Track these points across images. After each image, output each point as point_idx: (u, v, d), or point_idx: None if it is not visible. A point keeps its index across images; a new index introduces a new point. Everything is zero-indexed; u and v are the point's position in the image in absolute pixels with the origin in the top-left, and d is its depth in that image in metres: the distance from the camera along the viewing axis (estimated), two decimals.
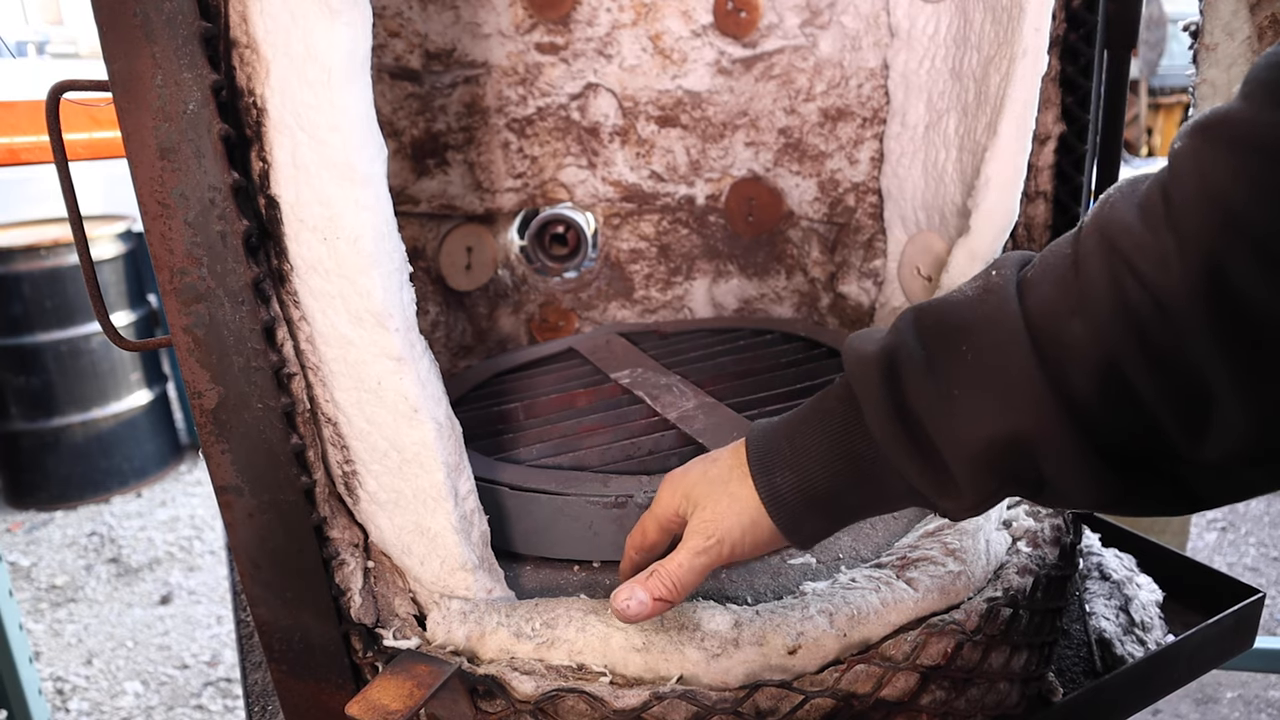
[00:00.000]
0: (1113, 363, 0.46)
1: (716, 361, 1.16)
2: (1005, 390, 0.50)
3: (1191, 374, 0.44)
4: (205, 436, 0.63)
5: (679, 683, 0.66)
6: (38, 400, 3.59)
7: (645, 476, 0.85)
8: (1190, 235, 0.43)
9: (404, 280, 0.64)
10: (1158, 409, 0.46)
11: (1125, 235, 0.46)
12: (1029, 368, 0.49)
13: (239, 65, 0.60)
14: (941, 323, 0.54)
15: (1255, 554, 3.15)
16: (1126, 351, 0.46)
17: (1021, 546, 0.82)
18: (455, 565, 0.71)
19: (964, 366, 0.52)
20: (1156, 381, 0.45)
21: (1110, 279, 0.46)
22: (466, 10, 1.22)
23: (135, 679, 2.67)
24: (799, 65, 1.25)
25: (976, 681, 0.74)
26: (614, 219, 1.38)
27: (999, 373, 0.50)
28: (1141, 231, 0.45)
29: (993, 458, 0.51)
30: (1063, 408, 0.48)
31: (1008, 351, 0.50)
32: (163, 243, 0.58)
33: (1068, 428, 0.48)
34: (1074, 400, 0.48)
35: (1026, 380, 0.49)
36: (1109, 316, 0.46)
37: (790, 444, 0.62)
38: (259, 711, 0.85)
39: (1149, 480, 0.50)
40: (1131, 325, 0.45)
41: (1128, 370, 0.46)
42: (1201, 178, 0.43)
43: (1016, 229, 1.03)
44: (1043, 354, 0.49)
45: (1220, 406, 0.44)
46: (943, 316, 0.54)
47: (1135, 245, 0.45)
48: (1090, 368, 0.47)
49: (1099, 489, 0.50)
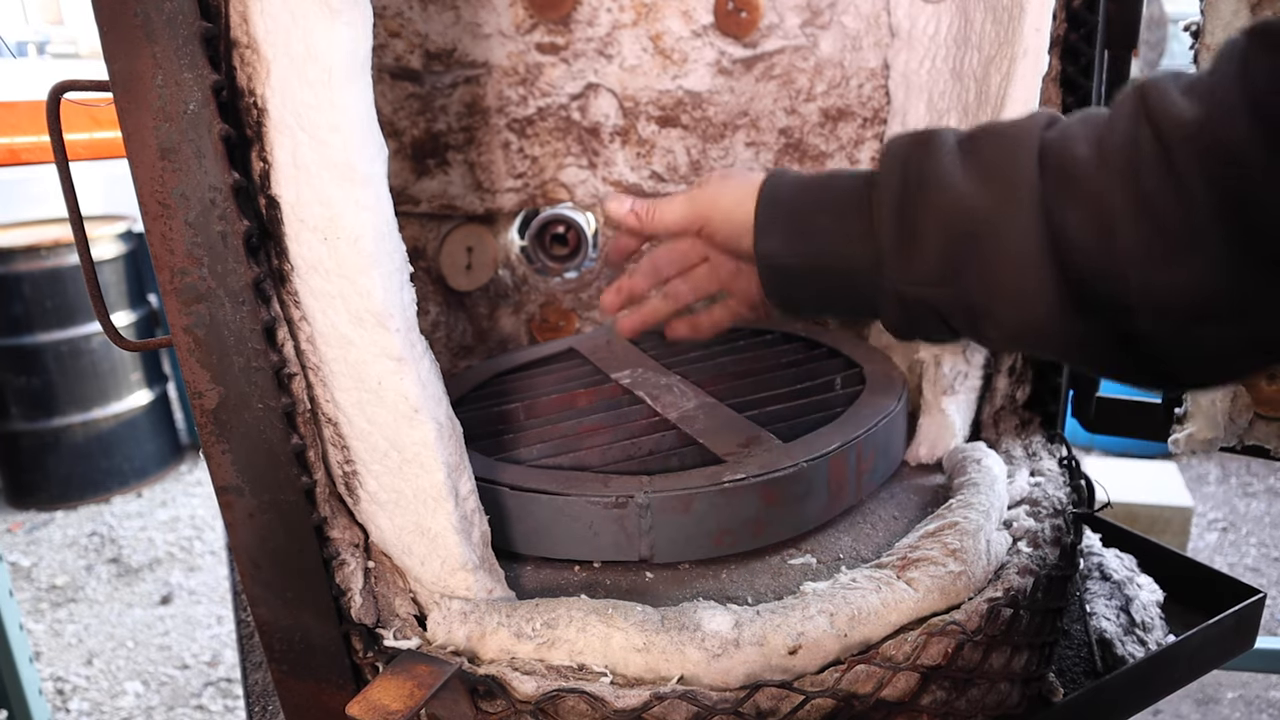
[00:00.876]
0: (1104, 191, 0.52)
1: (716, 361, 1.16)
2: (1002, 181, 0.57)
3: (1173, 212, 0.49)
4: (205, 436, 0.63)
5: (680, 683, 0.66)
6: (38, 400, 3.60)
7: (645, 476, 0.85)
8: (1217, 110, 0.48)
9: (404, 280, 0.64)
10: (1131, 242, 0.51)
11: (1160, 102, 0.51)
12: (1028, 170, 0.55)
13: (239, 65, 0.60)
14: (984, 128, 0.62)
15: (1256, 554, 3.15)
16: (1121, 183, 0.51)
17: (1022, 547, 0.82)
18: (456, 565, 0.71)
19: (979, 156, 0.60)
20: (1143, 222, 0.50)
21: (1130, 129, 0.52)
22: (467, 10, 1.22)
23: (135, 679, 2.68)
24: (799, 65, 1.25)
25: (977, 682, 0.74)
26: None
27: (1002, 166, 0.57)
28: (1179, 103, 0.50)
29: (959, 235, 0.58)
30: (1042, 216, 0.54)
31: (1017, 155, 0.56)
32: (163, 243, 0.58)
33: (1041, 231, 0.54)
34: (1052, 214, 0.54)
35: (1022, 179, 0.55)
36: (1118, 151, 0.52)
37: (804, 177, 0.72)
38: (259, 711, 0.85)
39: (1098, 330, 0.55)
40: (1134, 163, 0.51)
41: (1116, 201, 0.51)
42: (1243, 64, 0.48)
43: None
44: (1044, 164, 0.55)
45: (1188, 243, 0.49)
46: (987, 126, 0.63)
47: (1164, 109, 0.50)
48: (1081, 192, 0.53)
49: (1045, 309, 0.55)
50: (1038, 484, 0.94)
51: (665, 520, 0.83)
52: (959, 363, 1.04)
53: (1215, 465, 3.75)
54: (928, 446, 1.02)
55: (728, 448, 0.90)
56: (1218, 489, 3.58)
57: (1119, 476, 3.00)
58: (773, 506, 0.85)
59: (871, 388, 1.03)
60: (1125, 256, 0.51)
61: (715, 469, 0.86)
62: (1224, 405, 1.04)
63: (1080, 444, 3.71)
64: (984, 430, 1.10)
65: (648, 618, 0.69)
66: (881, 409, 0.97)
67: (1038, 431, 1.09)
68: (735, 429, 0.95)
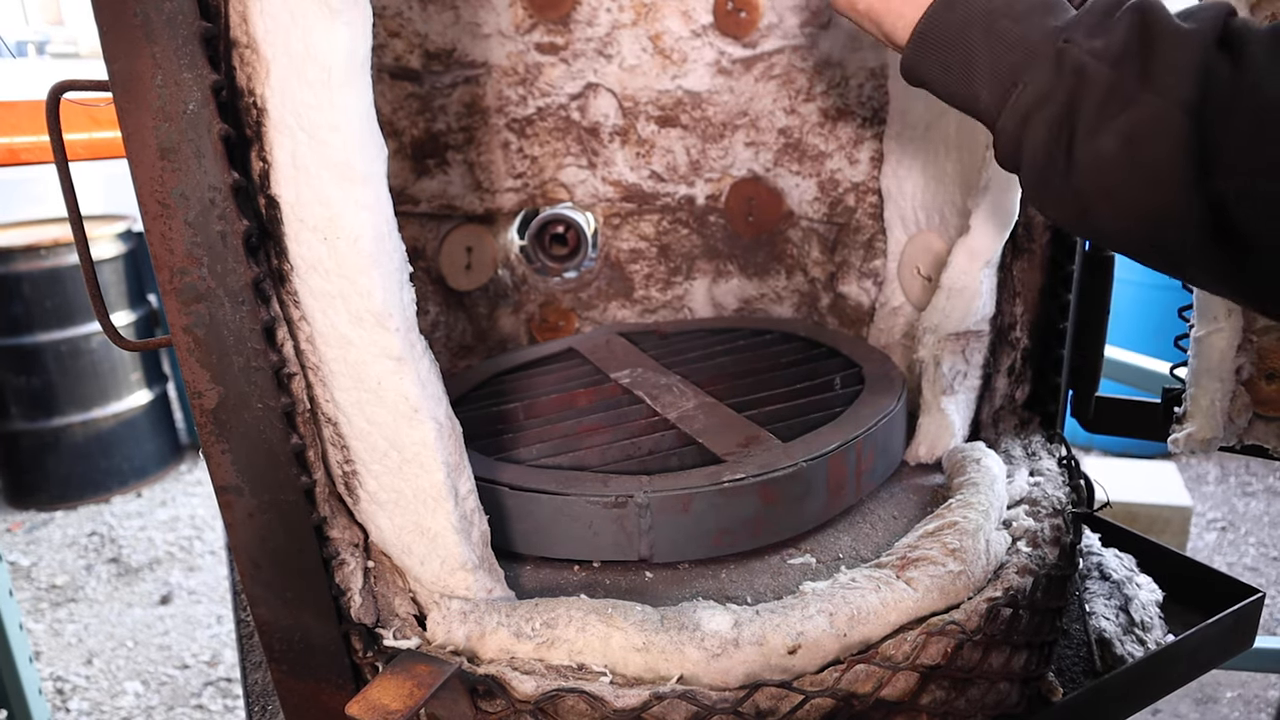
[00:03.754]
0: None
1: (716, 361, 1.17)
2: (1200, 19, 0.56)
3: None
4: (205, 436, 0.63)
5: (679, 682, 0.66)
6: (38, 400, 3.59)
7: (645, 476, 0.86)
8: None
9: (404, 280, 0.65)
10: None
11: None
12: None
13: (239, 65, 0.60)
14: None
15: (1255, 554, 3.15)
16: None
17: (1021, 546, 0.82)
18: (455, 565, 0.71)
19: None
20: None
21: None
22: (466, 10, 1.22)
23: (135, 679, 2.68)
24: (799, 65, 1.25)
25: (976, 681, 0.74)
26: (614, 219, 1.38)
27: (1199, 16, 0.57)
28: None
29: (1147, 36, 0.57)
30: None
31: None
32: (163, 243, 0.58)
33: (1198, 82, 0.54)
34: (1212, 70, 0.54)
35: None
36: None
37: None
38: (259, 711, 0.85)
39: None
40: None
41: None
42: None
43: (1016, 229, 1.03)
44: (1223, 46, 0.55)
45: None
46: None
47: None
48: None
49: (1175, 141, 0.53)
50: (1037, 484, 0.94)
51: (665, 520, 0.83)
52: (958, 362, 1.04)
53: (1214, 465, 3.75)
54: (927, 446, 1.02)
55: (727, 447, 0.91)
56: (1217, 489, 3.58)
57: (1118, 476, 3.01)
58: (772, 506, 0.85)
59: (871, 387, 1.03)
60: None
61: (714, 469, 0.86)
62: (1223, 405, 1.04)
63: (1080, 444, 3.71)
64: (983, 430, 1.10)
65: (647, 617, 0.69)
66: (881, 409, 0.97)
67: (1037, 431, 1.09)
68: (735, 429, 0.95)
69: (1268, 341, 1.02)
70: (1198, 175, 0.53)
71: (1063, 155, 0.59)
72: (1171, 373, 1.11)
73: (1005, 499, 0.89)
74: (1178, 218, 0.54)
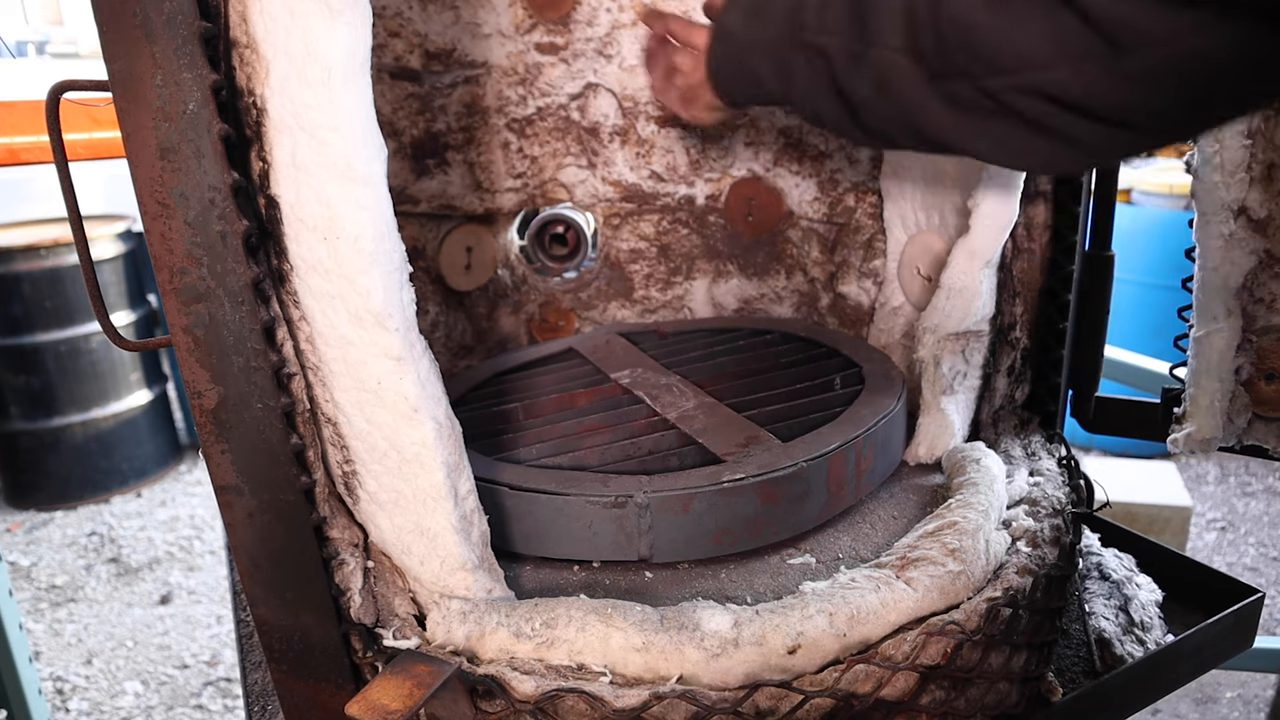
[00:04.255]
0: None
1: (716, 361, 1.17)
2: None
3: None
4: (205, 436, 0.63)
5: (679, 682, 0.66)
6: (38, 400, 3.59)
7: (645, 476, 0.86)
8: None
9: (404, 280, 0.65)
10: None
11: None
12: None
13: (239, 65, 0.60)
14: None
15: (1255, 554, 3.15)
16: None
17: (1021, 546, 0.82)
18: (455, 565, 0.71)
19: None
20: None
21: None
22: (466, 10, 1.22)
23: (135, 679, 2.68)
24: None
25: (976, 681, 0.74)
26: (614, 219, 1.38)
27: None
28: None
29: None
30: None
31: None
32: (163, 243, 0.58)
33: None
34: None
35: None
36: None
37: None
38: (259, 711, 0.85)
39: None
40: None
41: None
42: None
43: (1016, 229, 1.03)
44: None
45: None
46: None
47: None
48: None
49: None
50: (1037, 484, 0.94)
51: (664, 520, 0.83)
52: (958, 362, 1.04)
53: (1214, 465, 3.75)
54: (927, 446, 1.02)
55: (727, 448, 0.91)
56: (1216, 489, 3.58)
57: (1118, 476, 3.01)
58: (772, 506, 0.85)
59: (870, 387, 1.03)
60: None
61: (714, 469, 0.86)
62: (1222, 405, 1.04)
63: (1079, 444, 3.71)
64: (983, 430, 1.10)
65: (647, 617, 0.69)
66: (880, 409, 0.97)
67: (1037, 431, 1.09)
68: (735, 429, 0.95)
69: (1267, 341, 1.02)
70: (929, 86, 0.69)
71: (845, 111, 0.77)
72: (1171, 373, 1.11)
73: (1005, 499, 0.89)
74: (920, 112, 0.71)
